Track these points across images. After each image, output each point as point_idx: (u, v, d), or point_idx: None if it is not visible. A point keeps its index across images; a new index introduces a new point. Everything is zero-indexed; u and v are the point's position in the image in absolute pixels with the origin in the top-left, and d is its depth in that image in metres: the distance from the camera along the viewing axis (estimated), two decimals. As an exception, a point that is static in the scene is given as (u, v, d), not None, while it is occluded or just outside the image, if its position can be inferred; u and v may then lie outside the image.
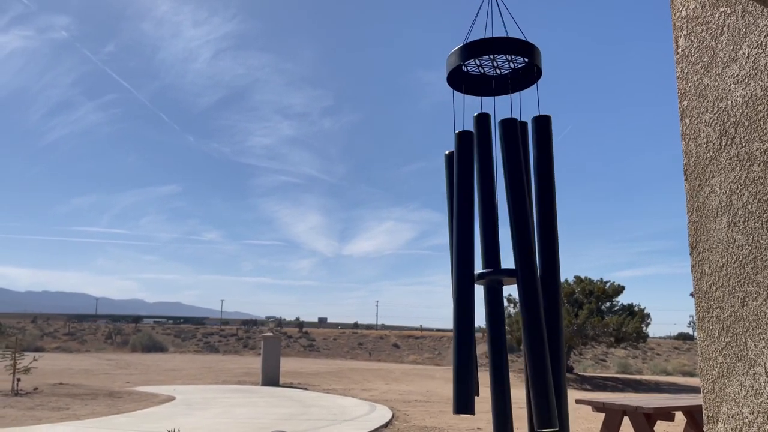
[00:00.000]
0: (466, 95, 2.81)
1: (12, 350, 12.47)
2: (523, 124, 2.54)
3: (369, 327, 66.99)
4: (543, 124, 2.51)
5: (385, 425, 9.04)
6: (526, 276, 2.39)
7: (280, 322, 59.63)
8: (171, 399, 11.98)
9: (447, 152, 2.64)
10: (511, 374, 2.61)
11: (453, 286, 2.49)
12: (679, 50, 1.53)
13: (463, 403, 2.32)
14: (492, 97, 2.74)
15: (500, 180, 2.65)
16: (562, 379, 2.41)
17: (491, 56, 2.62)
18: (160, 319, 68.14)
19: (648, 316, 23.68)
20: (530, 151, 2.57)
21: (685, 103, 1.50)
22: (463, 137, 2.58)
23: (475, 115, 2.71)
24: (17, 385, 11.84)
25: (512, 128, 2.48)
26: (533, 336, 2.32)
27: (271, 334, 19.34)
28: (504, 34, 2.63)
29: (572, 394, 13.77)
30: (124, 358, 30.84)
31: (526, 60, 2.59)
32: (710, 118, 1.42)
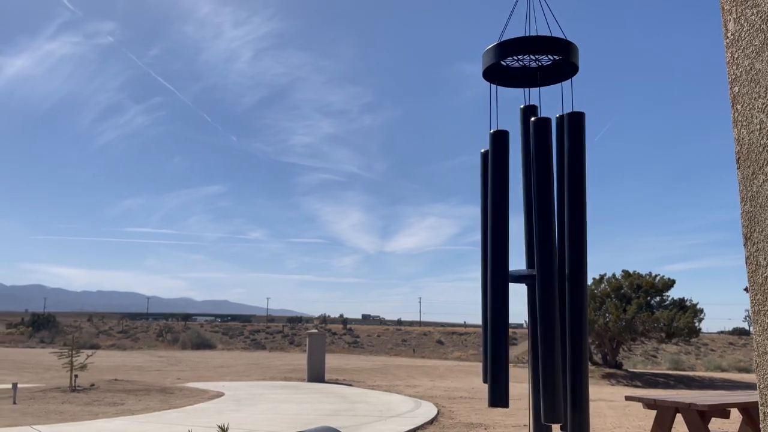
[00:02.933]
0: (507, 88, 2.79)
1: (69, 348, 12.97)
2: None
3: (412, 323, 66.98)
4: (576, 121, 2.47)
5: (431, 421, 9.04)
6: (544, 274, 2.38)
7: (324, 319, 60.24)
8: (220, 395, 12.26)
9: (483, 150, 2.64)
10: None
11: (488, 286, 2.50)
12: (729, 34, 1.48)
13: (498, 397, 2.36)
14: (530, 89, 2.72)
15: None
16: (584, 375, 2.39)
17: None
18: (208, 317, 69.77)
19: (701, 311, 22.94)
20: (564, 146, 2.55)
21: (736, 89, 1.45)
22: (497, 137, 2.57)
23: (522, 107, 2.69)
24: (75, 382, 12.32)
25: (543, 128, 2.46)
26: (545, 332, 2.33)
27: (315, 330, 19.55)
28: (543, 25, 2.60)
29: (622, 391, 13.46)
30: (174, 355, 31.70)
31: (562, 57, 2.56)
32: (763, 104, 1.37)
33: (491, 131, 2.52)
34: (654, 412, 5.91)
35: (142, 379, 15.50)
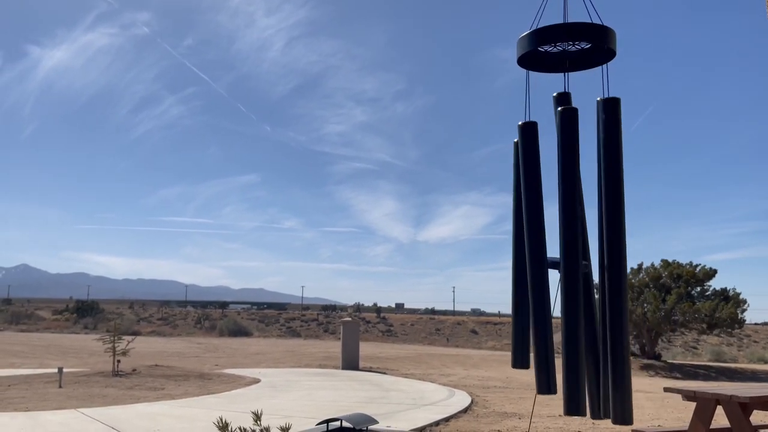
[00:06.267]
0: (543, 73, 2.74)
1: (111, 334, 13.36)
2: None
3: (445, 313, 66.88)
4: (611, 107, 2.41)
5: (465, 410, 9.04)
6: (568, 265, 2.34)
7: (358, 308, 60.64)
8: (257, 381, 12.48)
9: (515, 140, 2.60)
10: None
11: (528, 276, 2.47)
12: (774, 14, 1.43)
13: (545, 384, 2.35)
14: (568, 74, 2.66)
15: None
16: (626, 368, 2.35)
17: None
18: (244, 305, 70.92)
19: (744, 301, 22.33)
20: (600, 134, 2.49)
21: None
22: (526, 130, 2.53)
23: (554, 94, 2.64)
24: (117, 367, 12.69)
25: (571, 118, 2.41)
26: (568, 322, 2.31)
27: (350, 319, 19.69)
28: (579, 7, 2.54)
29: (661, 382, 13.18)
30: (212, 342, 32.36)
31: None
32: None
33: (519, 123, 2.49)
34: (693, 404, 5.79)
35: (181, 365, 15.88)
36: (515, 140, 2.60)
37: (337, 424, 3.20)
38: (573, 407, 2.31)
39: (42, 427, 6.90)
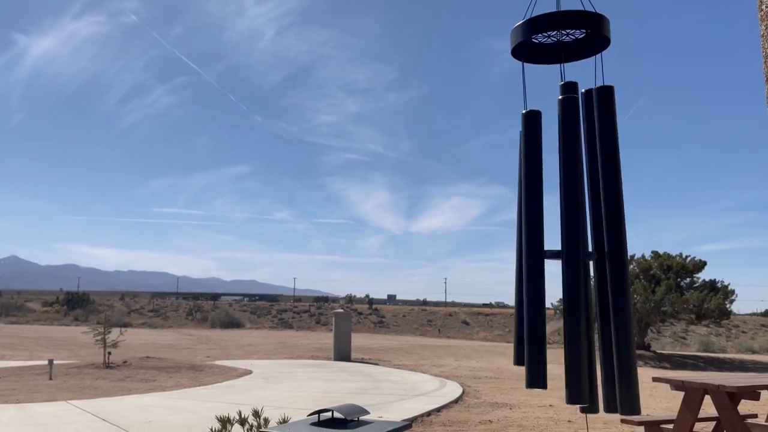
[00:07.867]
0: (537, 65, 2.72)
1: (102, 325, 13.31)
2: (588, 93, 2.44)
3: (437, 304, 67.09)
4: (605, 95, 2.39)
5: (456, 401, 9.09)
6: (571, 254, 2.33)
7: (350, 299, 60.70)
8: (248, 373, 12.49)
9: (521, 130, 2.55)
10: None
11: (523, 265, 2.45)
12: (764, 6, 1.43)
13: (535, 377, 2.33)
14: (563, 65, 2.65)
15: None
16: (632, 357, 2.33)
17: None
18: (236, 297, 70.80)
19: (732, 292, 22.54)
20: (594, 122, 2.47)
21: (770, 64, 1.40)
22: (529, 118, 2.50)
23: (561, 83, 2.62)
24: (108, 358, 12.66)
25: (571, 106, 2.39)
26: (570, 311, 2.29)
27: (342, 310, 19.72)
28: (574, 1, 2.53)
29: (650, 372, 13.27)
30: (204, 333, 32.32)
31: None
32: (799, 79, 1.32)
33: (523, 112, 2.46)
34: (682, 394, 5.85)
35: (172, 356, 15.86)
36: (521, 130, 2.57)
37: (329, 414, 3.21)
38: (575, 396, 2.29)
39: (33, 419, 6.88)
